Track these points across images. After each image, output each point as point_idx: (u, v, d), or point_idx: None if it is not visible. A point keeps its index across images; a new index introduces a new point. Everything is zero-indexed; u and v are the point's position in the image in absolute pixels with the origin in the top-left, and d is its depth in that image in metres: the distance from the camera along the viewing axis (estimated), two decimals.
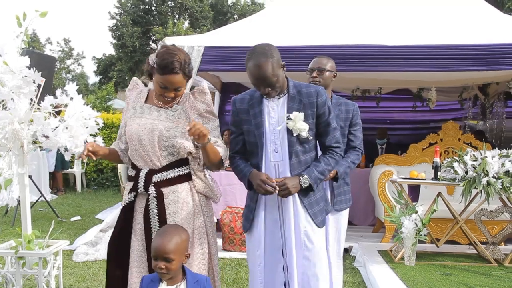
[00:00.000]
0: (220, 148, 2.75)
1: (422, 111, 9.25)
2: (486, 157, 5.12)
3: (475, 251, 5.72)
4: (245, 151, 2.94)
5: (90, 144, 2.67)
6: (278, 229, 2.83)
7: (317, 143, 2.97)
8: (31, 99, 3.18)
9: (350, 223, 7.31)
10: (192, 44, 5.81)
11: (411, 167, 6.75)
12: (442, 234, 5.87)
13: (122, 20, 28.22)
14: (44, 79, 3.24)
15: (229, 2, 30.03)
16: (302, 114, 2.74)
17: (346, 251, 5.90)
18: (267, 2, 29.95)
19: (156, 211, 2.69)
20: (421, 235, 5.11)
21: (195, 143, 2.67)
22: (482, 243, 5.66)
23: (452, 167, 5.26)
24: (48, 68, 5.50)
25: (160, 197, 2.69)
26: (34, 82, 3.10)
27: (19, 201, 3.50)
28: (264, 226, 2.86)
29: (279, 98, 2.82)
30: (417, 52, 5.58)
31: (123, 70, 29.37)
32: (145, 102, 2.82)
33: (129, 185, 2.82)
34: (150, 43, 29.39)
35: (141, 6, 29.24)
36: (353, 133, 3.69)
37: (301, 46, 5.61)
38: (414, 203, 5.32)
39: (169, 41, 5.84)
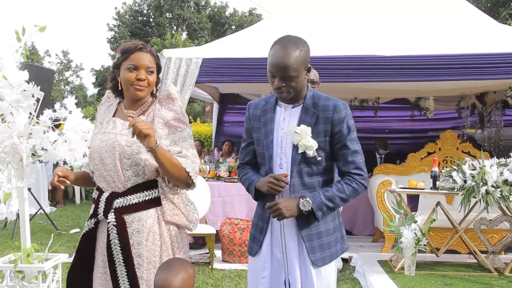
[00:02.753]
0: (184, 160, 2.32)
1: (420, 120, 9.28)
2: (484, 166, 5.14)
3: (475, 261, 5.71)
4: (255, 163, 2.59)
5: (60, 169, 2.38)
6: (281, 254, 2.45)
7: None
8: (30, 113, 3.19)
9: (349, 233, 7.35)
10: (190, 56, 5.84)
11: (409, 176, 6.75)
12: (441, 244, 5.87)
13: (121, 32, 28.35)
14: (43, 93, 3.25)
15: (227, 13, 30.18)
16: (309, 129, 2.35)
17: (346, 261, 5.90)
18: (264, 13, 30.10)
19: (118, 241, 2.31)
20: (420, 244, 5.10)
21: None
22: (482, 252, 5.66)
23: (451, 177, 5.27)
24: (47, 81, 5.53)
25: (121, 226, 2.31)
26: (33, 96, 3.12)
27: (18, 214, 3.50)
28: (271, 251, 2.49)
29: (293, 107, 2.45)
30: (414, 62, 5.61)
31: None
32: (113, 116, 2.47)
33: (91, 209, 2.46)
34: None
35: (139, 17, 29.40)
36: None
37: None
38: (413, 213, 5.32)
39: (167, 53, 5.88)
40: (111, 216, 2.32)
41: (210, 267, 5.56)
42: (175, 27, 29.89)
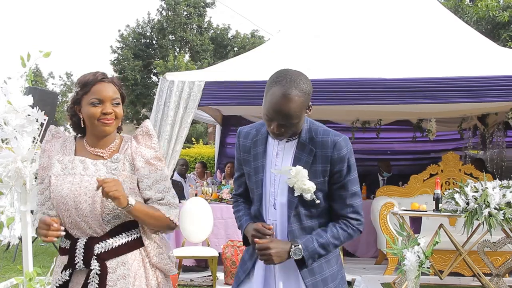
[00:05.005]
0: (164, 207, 2.16)
1: (422, 142, 9.28)
2: (487, 188, 5.12)
3: (479, 283, 5.67)
4: (249, 195, 2.37)
5: (48, 220, 2.05)
6: None
7: None
8: (34, 137, 3.22)
9: (352, 255, 7.32)
10: (193, 79, 5.88)
11: (412, 198, 6.74)
12: (445, 266, 5.83)
13: (124, 54, 28.56)
14: (47, 117, 3.28)
15: (229, 35, 30.44)
16: (305, 172, 2.11)
17: (349, 284, 5.86)
18: (266, 35, 30.39)
19: None
20: (424, 267, 5.07)
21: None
22: (486, 274, 5.61)
23: (453, 199, 5.26)
24: (50, 104, 5.57)
25: (103, 274, 2.10)
26: (37, 120, 3.15)
27: (20, 238, 3.51)
28: None
29: (287, 141, 2.20)
30: (416, 84, 5.64)
31: (124, 104, 29.51)
32: (75, 154, 2.23)
33: (61, 259, 2.20)
34: (151, 76, 29.69)
35: (142, 40, 29.65)
36: None
37: None
38: (416, 235, 5.29)
39: (170, 76, 5.93)
40: (95, 264, 2.10)
41: None
42: (177, 49, 30.14)
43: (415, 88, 5.65)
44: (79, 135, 2.32)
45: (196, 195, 7.14)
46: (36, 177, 3.31)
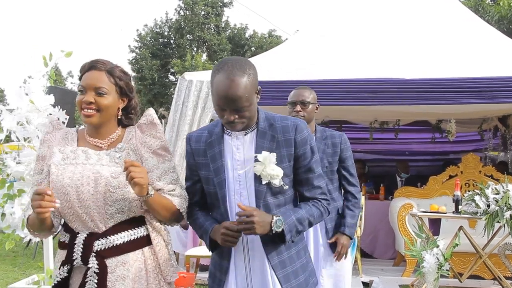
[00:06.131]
0: (176, 199, 2.10)
1: (441, 142, 9.19)
2: (508, 190, 5.06)
3: (500, 287, 5.59)
4: (205, 202, 2.26)
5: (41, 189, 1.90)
6: None
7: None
8: None
9: (370, 256, 7.27)
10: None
11: (431, 199, 6.67)
12: (465, 269, 5.76)
13: (142, 53, 28.73)
14: (68, 117, 3.32)
15: (247, 35, 30.45)
16: (274, 155, 2.06)
17: (367, 285, 5.83)
18: (284, 35, 30.32)
19: None
20: (443, 269, 5.02)
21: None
22: (507, 278, 5.54)
23: (474, 201, 5.19)
24: (71, 103, 5.62)
25: (102, 273, 1.98)
26: (58, 119, 3.18)
27: None
28: None
29: (245, 135, 2.14)
30: (436, 85, 5.59)
31: (142, 102, 29.78)
32: (78, 145, 2.14)
33: (61, 254, 2.10)
34: (169, 75, 29.83)
35: (160, 39, 29.79)
36: (344, 171, 3.26)
37: (319, 80, 5.65)
38: (435, 237, 5.24)
39: (188, 76, 5.95)
40: (93, 262, 1.98)
41: None
42: (195, 49, 30.24)
43: (434, 89, 5.59)
44: (81, 127, 2.27)
45: None
46: None
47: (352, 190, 3.28)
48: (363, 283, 5.73)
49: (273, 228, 2.03)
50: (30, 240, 3.55)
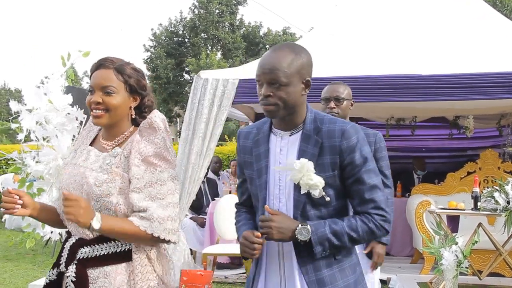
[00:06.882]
0: (148, 223, 1.86)
1: (459, 139, 9.08)
2: None
3: None
4: (252, 204, 2.11)
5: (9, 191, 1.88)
6: None
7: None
8: (74, 135, 3.29)
9: (387, 253, 7.21)
10: (227, 77, 5.90)
11: (449, 196, 6.62)
12: (484, 266, 5.71)
13: (156, 52, 28.86)
14: (86, 116, 3.35)
15: (261, 33, 30.42)
16: (311, 164, 1.86)
17: (384, 282, 5.80)
18: (298, 32, 30.25)
19: None
20: (462, 267, 4.97)
21: None
22: None
23: (493, 197, 5.14)
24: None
25: (82, 283, 1.87)
26: (76, 119, 3.21)
27: (61, 234, 3.59)
28: None
29: (291, 135, 1.97)
30: (453, 81, 5.52)
31: (157, 102, 29.89)
32: (91, 144, 2.07)
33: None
34: (184, 74, 29.94)
35: (174, 38, 29.91)
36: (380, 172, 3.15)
37: (335, 77, 5.62)
38: (453, 234, 5.19)
39: (204, 74, 5.97)
40: (71, 269, 1.89)
41: None
42: (210, 47, 30.31)
43: (452, 85, 5.53)
44: None
45: (230, 192, 7.17)
46: None
47: (386, 192, 3.16)
48: (381, 280, 5.69)
49: (297, 237, 1.85)
50: (50, 238, 3.59)
